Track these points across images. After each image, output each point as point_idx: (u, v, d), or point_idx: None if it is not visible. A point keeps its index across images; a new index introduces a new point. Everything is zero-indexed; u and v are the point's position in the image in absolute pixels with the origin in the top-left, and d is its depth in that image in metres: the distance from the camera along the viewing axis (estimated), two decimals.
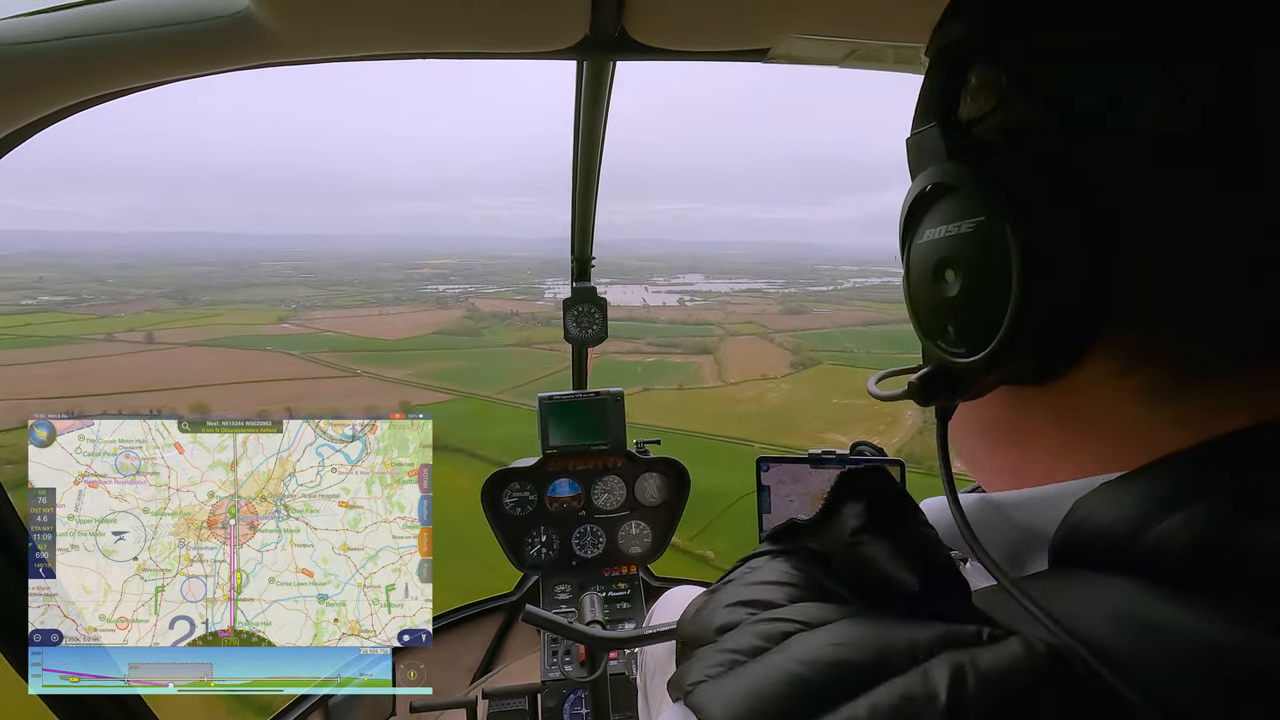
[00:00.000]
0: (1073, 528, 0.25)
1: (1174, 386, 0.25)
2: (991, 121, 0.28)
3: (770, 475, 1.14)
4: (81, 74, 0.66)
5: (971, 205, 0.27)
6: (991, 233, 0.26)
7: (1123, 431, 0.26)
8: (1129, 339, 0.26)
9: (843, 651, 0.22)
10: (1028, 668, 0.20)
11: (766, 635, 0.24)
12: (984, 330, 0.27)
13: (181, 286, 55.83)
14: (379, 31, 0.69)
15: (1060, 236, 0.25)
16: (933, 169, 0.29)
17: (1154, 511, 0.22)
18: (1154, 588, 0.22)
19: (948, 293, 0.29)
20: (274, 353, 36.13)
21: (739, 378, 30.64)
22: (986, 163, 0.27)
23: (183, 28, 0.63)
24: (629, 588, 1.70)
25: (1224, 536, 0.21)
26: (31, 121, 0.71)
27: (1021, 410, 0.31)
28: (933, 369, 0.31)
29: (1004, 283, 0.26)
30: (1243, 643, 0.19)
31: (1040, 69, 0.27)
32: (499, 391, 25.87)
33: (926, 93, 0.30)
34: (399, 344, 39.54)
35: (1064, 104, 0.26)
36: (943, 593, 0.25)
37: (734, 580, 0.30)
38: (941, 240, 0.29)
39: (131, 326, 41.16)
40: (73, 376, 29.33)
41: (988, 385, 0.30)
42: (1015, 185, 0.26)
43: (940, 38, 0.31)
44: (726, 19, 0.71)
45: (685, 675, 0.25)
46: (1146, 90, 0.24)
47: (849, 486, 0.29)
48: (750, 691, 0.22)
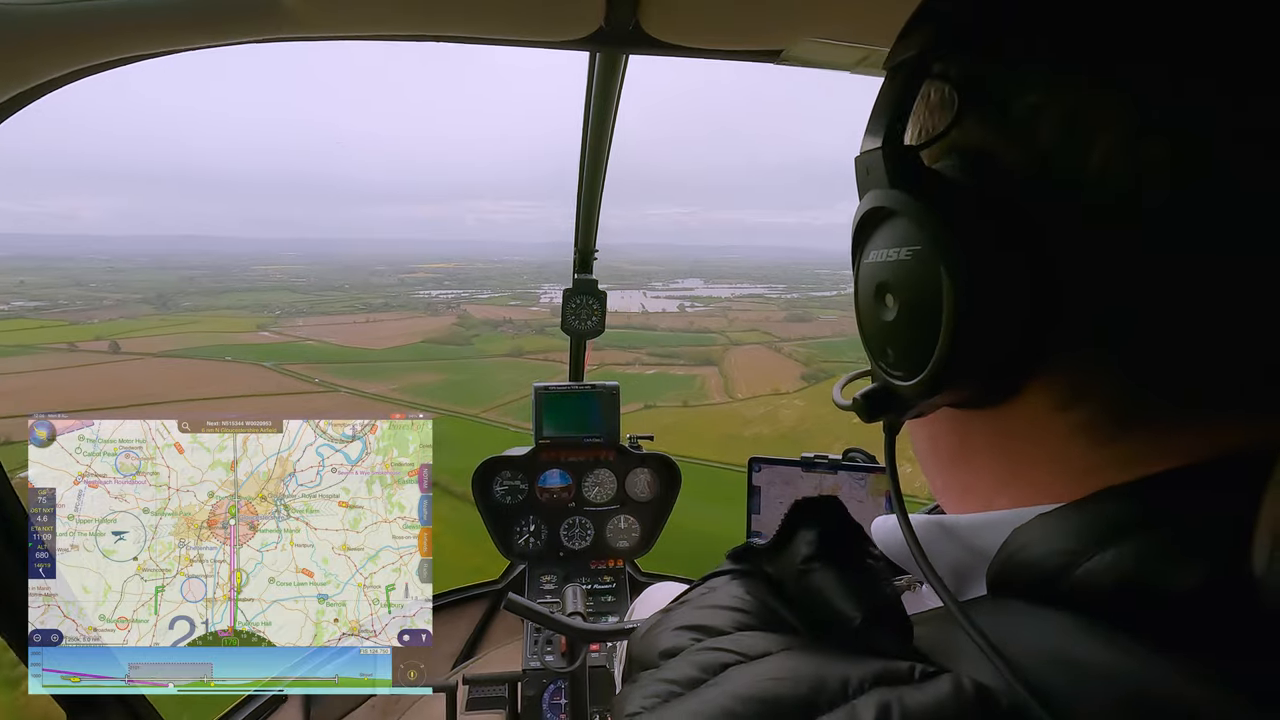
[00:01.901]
0: (1009, 557, 0.26)
1: (1112, 425, 0.26)
2: (943, 144, 0.29)
3: (762, 476, 1.18)
4: (98, 37, 0.68)
5: (909, 233, 0.28)
6: (927, 263, 0.27)
7: (1060, 464, 0.27)
8: (1066, 375, 0.26)
9: (776, 687, 0.23)
10: (954, 707, 0.21)
11: (705, 666, 0.25)
12: (919, 355, 0.28)
13: (164, 291, 55.63)
14: (395, 12, 0.71)
15: (996, 274, 0.26)
16: (875, 192, 0.29)
17: (1085, 548, 0.23)
18: (1085, 624, 0.23)
19: (886, 316, 0.30)
20: (245, 364, 35.33)
21: (748, 393, 29.78)
22: (928, 191, 0.28)
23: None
24: (615, 581, 1.76)
25: (1151, 576, 0.22)
26: (47, 80, 0.72)
27: (965, 433, 0.32)
28: (877, 386, 0.32)
29: (937, 314, 0.26)
30: (1167, 686, 0.20)
31: (996, 95, 0.27)
32: (484, 409, 24.89)
33: (878, 109, 0.30)
34: (382, 354, 38.88)
35: (1014, 135, 0.26)
36: (883, 627, 0.25)
37: (689, 601, 0.30)
38: (882, 264, 0.30)
39: (100, 335, 40.41)
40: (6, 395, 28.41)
41: (930, 406, 0.31)
42: (954, 218, 0.26)
43: (898, 52, 0.31)
44: (742, 18, 0.74)
45: (625, 702, 0.26)
46: (1103, 126, 0.24)
47: (803, 513, 0.30)
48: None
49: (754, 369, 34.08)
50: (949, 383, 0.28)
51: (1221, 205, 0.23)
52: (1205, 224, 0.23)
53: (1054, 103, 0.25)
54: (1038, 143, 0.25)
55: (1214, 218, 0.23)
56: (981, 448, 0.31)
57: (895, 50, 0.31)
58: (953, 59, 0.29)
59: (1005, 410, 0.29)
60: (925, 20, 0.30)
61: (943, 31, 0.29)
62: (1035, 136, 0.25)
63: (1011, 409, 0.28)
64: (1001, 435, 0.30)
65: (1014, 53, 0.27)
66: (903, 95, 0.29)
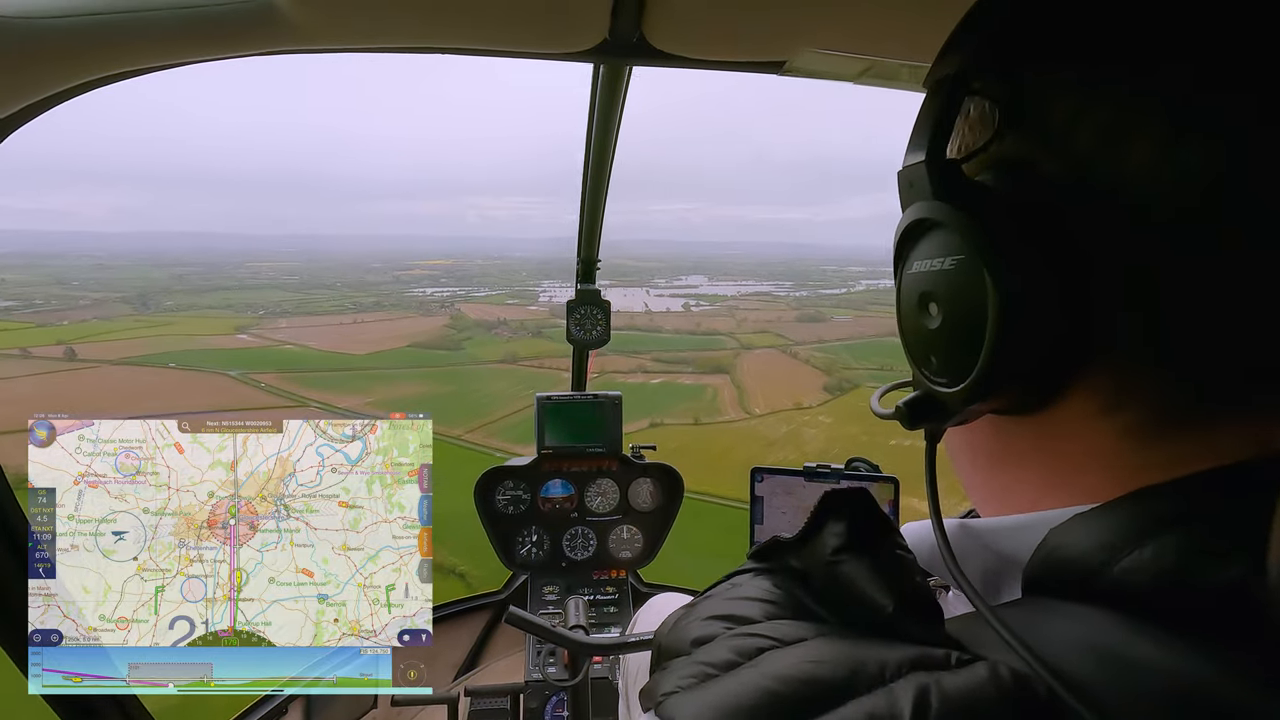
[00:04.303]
0: (1045, 556, 0.27)
1: (1157, 426, 0.27)
2: (984, 158, 0.31)
3: (764, 486, 1.22)
4: (99, 51, 0.71)
5: (953, 243, 0.30)
6: (971, 272, 0.29)
7: (1106, 467, 0.29)
8: (1111, 379, 0.28)
9: (815, 669, 0.24)
10: (992, 692, 0.22)
11: (740, 650, 0.26)
12: (963, 363, 0.30)
13: (148, 290, 55.47)
14: (399, 24, 0.74)
15: (1040, 280, 0.27)
16: (920, 204, 0.31)
17: (1123, 544, 0.25)
18: (1123, 620, 0.24)
19: (930, 324, 0.32)
20: (209, 373, 33.91)
21: (766, 407, 28.37)
22: (970, 203, 0.29)
23: (203, 10, 0.68)
24: (617, 592, 1.81)
25: (1191, 571, 0.23)
26: (49, 95, 0.76)
27: (1007, 439, 0.34)
28: (920, 394, 0.34)
29: (982, 321, 0.28)
30: (1206, 678, 0.21)
31: (1034, 109, 0.29)
32: (469, 430, 23.45)
33: (920, 125, 0.32)
34: (363, 360, 37.72)
35: (1054, 145, 0.28)
36: (916, 616, 0.26)
37: (715, 595, 0.32)
38: (926, 274, 0.32)
39: (63, 339, 39.61)
40: None
41: (973, 413, 0.33)
42: (997, 227, 0.28)
43: (938, 70, 0.33)
44: (745, 30, 0.77)
45: (658, 685, 0.27)
46: (1143, 137, 0.25)
47: (831, 506, 0.31)
48: (721, 704, 0.24)
49: (769, 378, 32.75)
50: (993, 389, 0.30)
51: (1260, 203, 0.24)
52: (1245, 222, 0.24)
53: (1093, 111, 0.27)
54: (1077, 150, 0.27)
55: (1254, 216, 0.24)
56: (1024, 453, 0.33)
57: (935, 68, 0.33)
58: (991, 75, 0.31)
59: (1048, 415, 0.30)
60: (964, 37, 0.32)
61: (981, 49, 0.31)
62: (1075, 144, 0.27)
63: (1055, 414, 0.30)
64: (1045, 439, 0.31)
65: (1051, 66, 0.29)
66: (944, 111, 0.31)
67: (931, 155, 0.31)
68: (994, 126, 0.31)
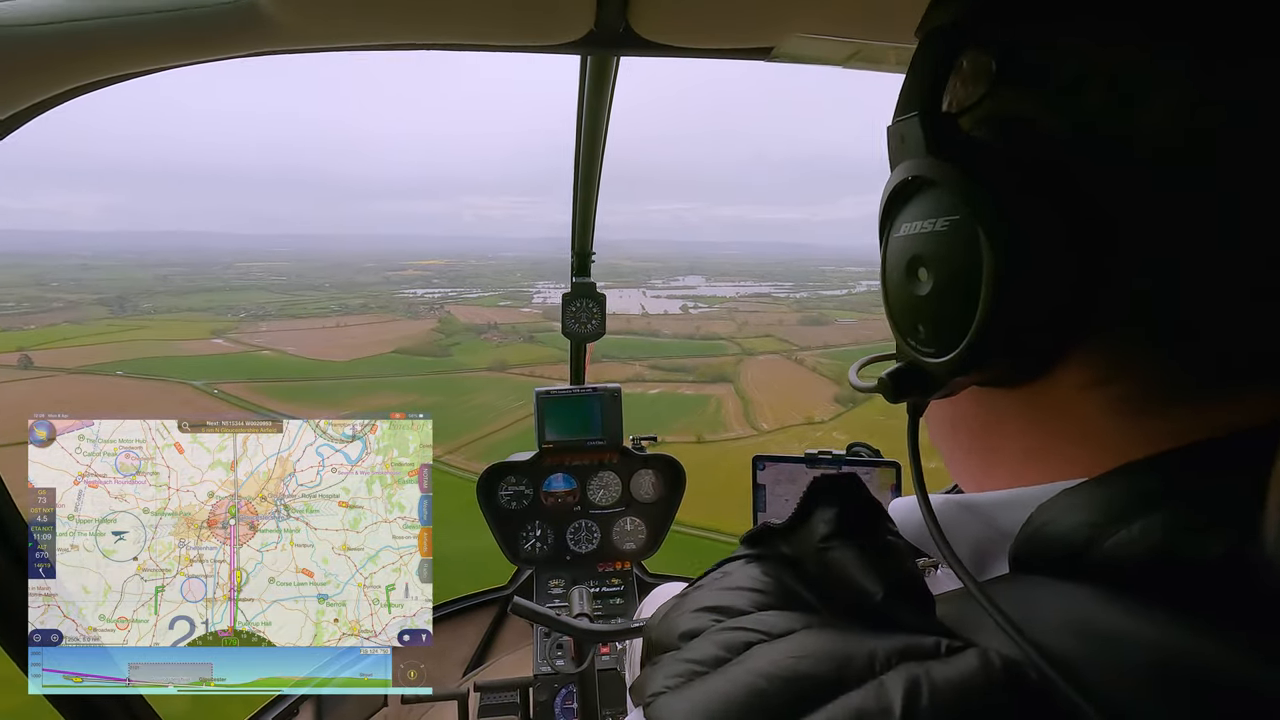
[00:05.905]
0: (1032, 533, 0.28)
1: (1147, 400, 0.27)
2: (977, 113, 0.30)
3: (766, 474, 1.27)
4: (83, 58, 0.73)
5: (947, 203, 0.29)
6: (966, 233, 0.28)
7: (1093, 440, 0.29)
8: (1104, 351, 0.28)
9: (802, 664, 0.24)
10: (983, 681, 0.22)
11: (728, 645, 0.26)
12: (954, 332, 0.29)
13: (127, 292, 54.92)
14: (383, 22, 0.76)
15: (1039, 244, 0.27)
16: (911, 161, 0.30)
17: (1111, 521, 0.25)
18: (1111, 596, 0.24)
19: (920, 291, 0.31)
20: (171, 383, 32.36)
21: (775, 421, 26.84)
22: (967, 158, 0.28)
23: (187, 13, 0.70)
24: (622, 583, 1.88)
25: (1179, 546, 0.23)
26: (32, 104, 0.79)
27: (992, 411, 0.33)
28: (904, 366, 0.33)
29: (976, 286, 0.28)
30: (1195, 653, 0.21)
31: (1034, 59, 0.28)
32: (450, 449, 22.12)
33: (911, 78, 0.31)
34: (344, 368, 36.32)
35: (1058, 99, 0.27)
36: (906, 603, 0.27)
37: (705, 585, 0.32)
38: (916, 236, 0.31)
39: (23, 345, 37.94)
40: None
41: (960, 384, 0.32)
42: (995, 186, 0.27)
43: (930, 20, 0.32)
44: (731, 17, 0.79)
45: (646, 683, 0.27)
46: (1154, 89, 0.25)
47: (821, 492, 0.32)
48: (708, 705, 0.24)
49: (776, 388, 31.37)
50: (984, 359, 0.29)
51: (1267, 169, 0.24)
52: (1251, 188, 0.24)
53: (1101, 67, 0.26)
54: (1083, 108, 0.26)
55: (1260, 182, 0.24)
56: (1008, 426, 0.33)
57: (928, 17, 0.32)
58: (989, 26, 0.30)
59: (1036, 387, 0.30)
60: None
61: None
62: (1081, 102, 0.26)
63: (1043, 386, 0.30)
64: (1029, 412, 0.31)
65: (1057, 19, 0.28)
66: (939, 62, 0.31)
67: (926, 107, 0.30)
68: (989, 81, 0.30)
